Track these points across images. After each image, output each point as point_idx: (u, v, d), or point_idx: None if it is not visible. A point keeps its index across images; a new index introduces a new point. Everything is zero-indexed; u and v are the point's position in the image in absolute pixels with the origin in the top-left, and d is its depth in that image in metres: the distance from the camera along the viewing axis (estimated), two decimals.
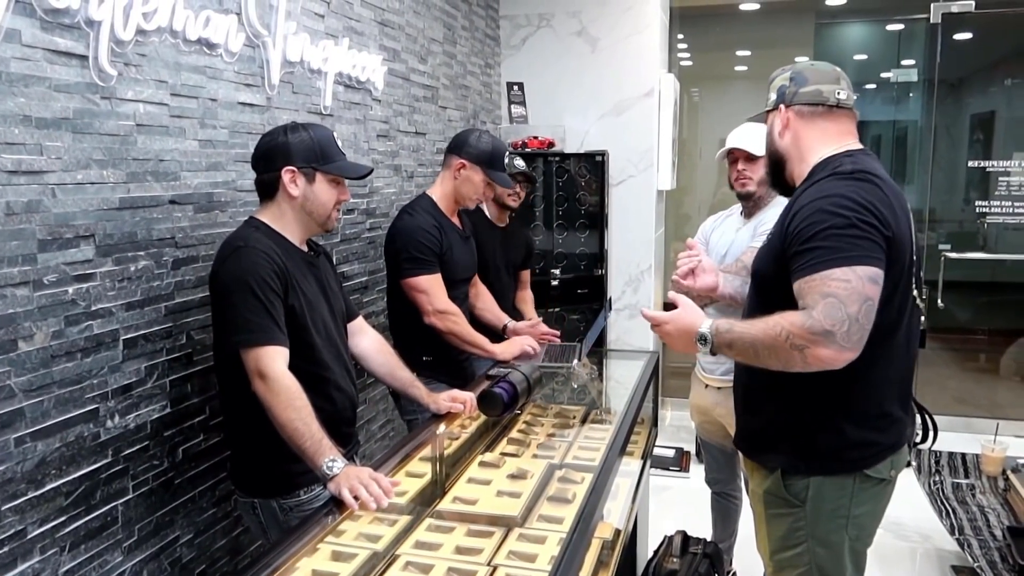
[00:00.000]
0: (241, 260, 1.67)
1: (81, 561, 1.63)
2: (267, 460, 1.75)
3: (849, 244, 1.43)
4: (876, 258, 1.44)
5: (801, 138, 1.66)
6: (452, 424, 2.06)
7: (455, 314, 2.39)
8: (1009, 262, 4.82)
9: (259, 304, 1.64)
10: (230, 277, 1.67)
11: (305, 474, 1.69)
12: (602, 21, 4.08)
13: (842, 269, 1.41)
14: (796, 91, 1.66)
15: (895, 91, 5.10)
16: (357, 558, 1.42)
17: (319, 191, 1.77)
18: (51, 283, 1.52)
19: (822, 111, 1.64)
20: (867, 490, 1.61)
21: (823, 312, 1.39)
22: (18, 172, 1.44)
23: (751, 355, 1.51)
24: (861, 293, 1.40)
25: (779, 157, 1.71)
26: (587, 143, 4.16)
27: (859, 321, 1.39)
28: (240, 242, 1.70)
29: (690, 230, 5.51)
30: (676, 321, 1.63)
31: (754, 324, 1.49)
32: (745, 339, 1.50)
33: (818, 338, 1.38)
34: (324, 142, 1.77)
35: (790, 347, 1.42)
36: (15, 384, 1.46)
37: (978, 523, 2.70)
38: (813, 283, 1.43)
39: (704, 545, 2.63)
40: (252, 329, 1.64)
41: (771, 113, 1.71)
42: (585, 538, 1.45)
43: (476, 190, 2.48)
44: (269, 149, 1.76)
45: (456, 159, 2.46)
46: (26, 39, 1.44)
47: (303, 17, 2.33)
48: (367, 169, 1.85)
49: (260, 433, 1.68)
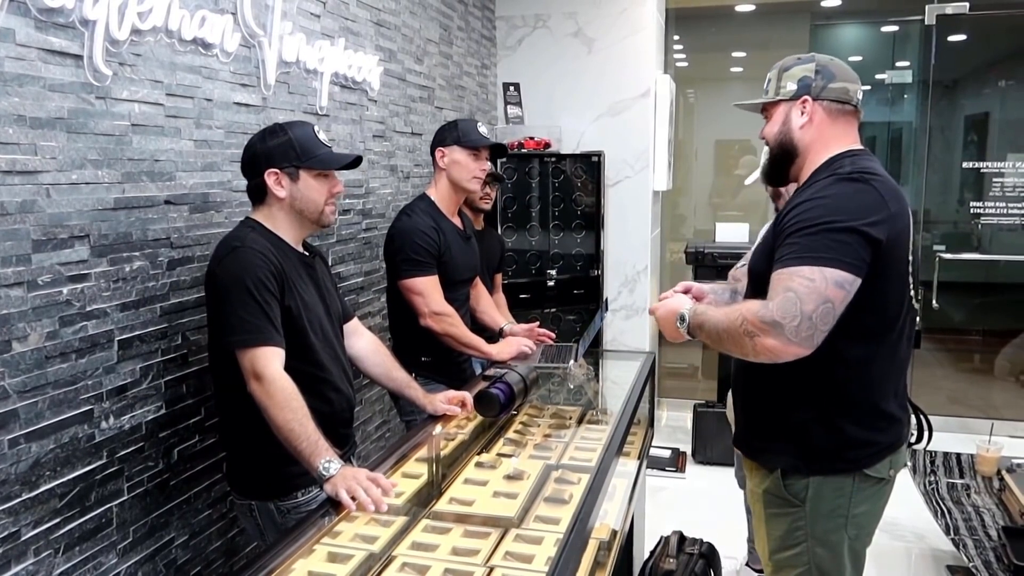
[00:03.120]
0: (238, 260, 1.67)
1: (76, 563, 1.62)
2: (264, 462, 1.74)
3: (825, 245, 1.44)
4: (850, 263, 1.43)
5: (823, 134, 1.62)
6: (449, 425, 2.06)
7: (451, 316, 2.39)
8: (1003, 263, 4.84)
9: (255, 305, 1.64)
10: (227, 277, 1.66)
11: (302, 476, 1.68)
12: (598, 22, 4.09)
13: (810, 268, 1.43)
14: (824, 85, 1.62)
15: (890, 92, 5.12)
16: (353, 559, 1.42)
17: (305, 188, 1.76)
18: (45, 284, 1.52)
19: (847, 110, 1.64)
20: (866, 490, 1.61)
21: (778, 304, 1.42)
22: (12, 172, 1.44)
23: (715, 338, 1.57)
24: (822, 294, 1.41)
25: (792, 149, 1.65)
26: (583, 144, 4.16)
27: (812, 320, 1.41)
28: (237, 242, 1.70)
29: (686, 230, 5.53)
30: (664, 305, 1.73)
31: (721, 309, 1.57)
32: (711, 322, 1.56)
33: (767, 328, 1.42)
34: (303, 139, 1.75)
35: (743, 333, 1.46)
36: (9, 385, 1.45)
37: (973, 523, 2.70)
38: (781, 277, 1.46)
39: (700, 545, 2.64)
40: (248, 330, 1.63)
41: (786, 103, 1.65)
42: (582, 539, 1.45)
43: (467, 169, 2.47)
44: (251, 155, 1.77)
45: (437, 152, 2.47)
46: (20, 38, 1.44)
47: (299, 17, 2.32)
48: (351, 158, 1.82)
49: (256, 434, 1.67)
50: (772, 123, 1.69)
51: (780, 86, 1.67)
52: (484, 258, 2.86)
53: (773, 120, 1.69)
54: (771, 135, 1.70)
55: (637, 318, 4.27)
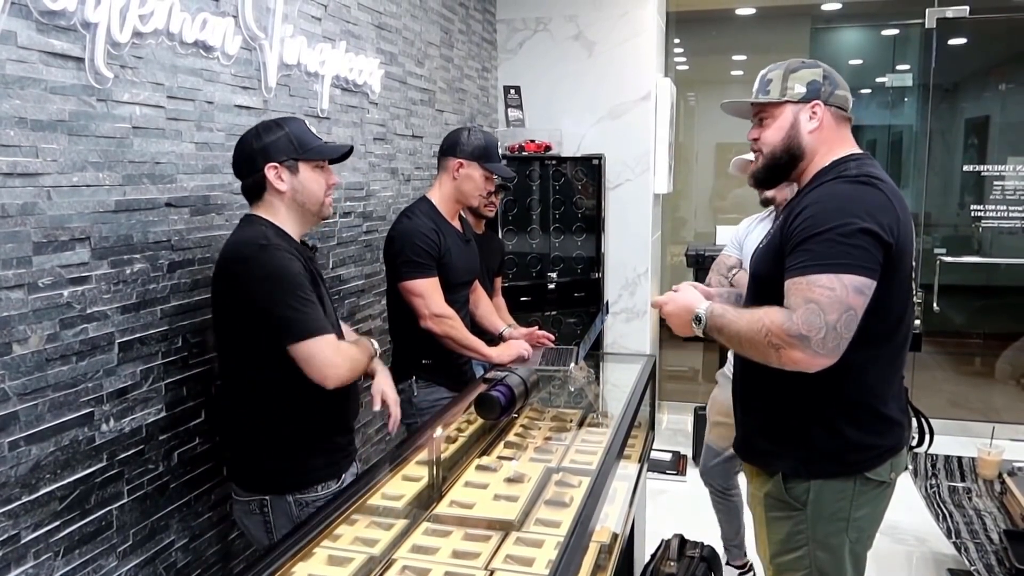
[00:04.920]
0: (273, 257, 1.67)
1: (75, 566, 1.61)
2: (285, 454, 1.75)
3: (841, 251, 1.43)
4: (867, 268, 1.43)
5: (829, 138, 1.62)
6: (449, 428, 2.06)
7: (451, 318, 2.39)
8: (1004, 266, 4.84)
9: (307, 299, 1.68)
10: (267, 275, 1.66)
11: (326, 468, 1.75)
12: (599, 25, 4.09)
13: (828, 276, 1.42)
14: (832, 91, 1.62)
15: (890, 96, 5.12)
16: (353, 562, 1.42)
17: (306, 180, 1.77)
18: (46, 286, 1.52)
19: (845, 117, 1.65)
20: (867, 493, 1.61)
21: (802, 317, 1.41)
22: (13, 174, 1.44)
23: (736, 343, 1.56)
24: (843, 302, 1.41)
25: (799, 152, 1.63)
26: (584, 147, 4.16)
27: (837, 329, 1.41)
28: (262, 240, 1.69)
29: (686, 233, 5.53)
30: (676, 300, 1.68)
31: (743, 314, 1.54)
32: (732, 327, 1.54)
33: (794, 341, 1.41)
34: (298, 132, 1.77)
35: (767, 344, 1.45)
36: (9, 388, 1.45)
37: (975, 526, 2.70)
38: (799, 286, 1.45)
39: (701, 548, 2.63)
40: (311, 319, 1.66)
41: (794, 105, 1.62)
42: (582, 542, 1.45)
43: (478, 186, 2.48)
44: (247, 152, 1.76)
45: (452, 160, 2.46)
46: (22, 41, 1.44)
47: (300, 20, 2.32)
48: (347, 148, 1.86)
49: (281, 427, 1.72)
50: (775, 127, 1.64)
51: (787, 87, 1.62)
52: (484, 261, 2.85)
53: (777, 123, 1.64)
54: (775, 139, 1.64)
55: (638, 321, 4.27)
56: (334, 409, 1.82)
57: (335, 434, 1.86)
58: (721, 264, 2.68)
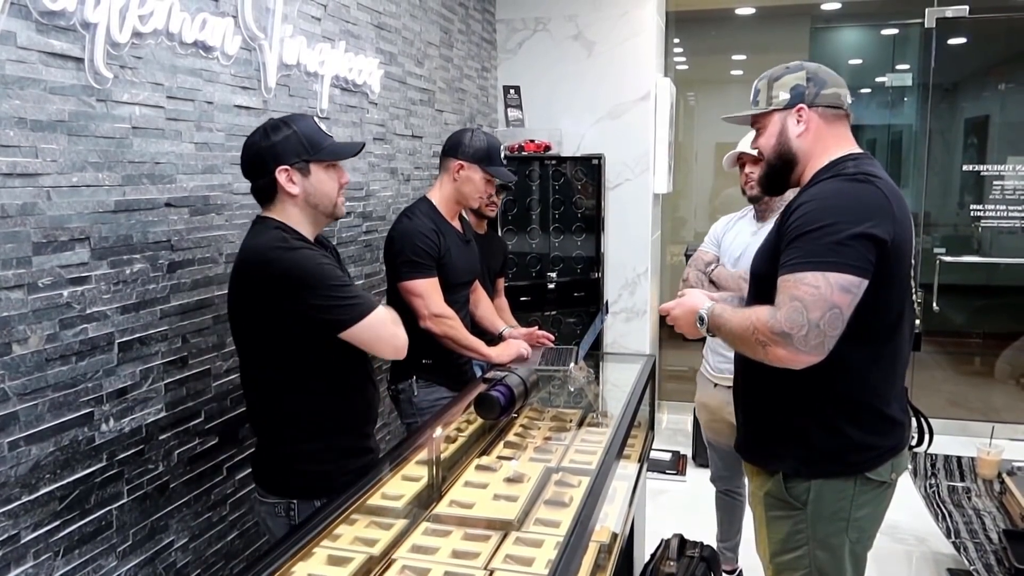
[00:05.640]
0: (304, 256, 1.66)
1: (75, 566, 1.62)
2: (317, 459, 1.75)
3: (830, 249, 1.43)
4: (856, 267, 1.43)
5: (821, 140, 1.62)
6: (449, 427, 2.06)
7: (451, 318, 2.39)
8: (1003, 265, 4.84)
9: (345, 284, 1.68)
10: (302, 271, 1.64)
11: (355, 473, 1.74)
12: (598, 25, 4.09)
13: (814, 274, 1.43)
14: (818, 92, 1.62)
15: (890, 95, 5.12)
16: (353, 562, 1.42)
17: (318, 181, 1.73)
18: (46, 286, 1.52)
19: (840, 114, 1.64)
20: (868, 493, 1.61)
21: (785, 315, 1.43)
22: (13, 175, 1.44)
23: (731, 341, 1.60)
24: (828, 300, 1.41)
25: (792, 158, 1.64)
26: (583, 147, 4.17)
27: (820, 327, 1.41)
28: (283, 243, 1.67)
29: (686, 233, 5.53)
30: (682, 304, 1.74)
31: (736, 313, 1.58)
32: (727, 325, 1.58)
33: (777, 338, 1.44)
34: (308, 131, 1.72)
35: (755, 341, 1.48)
36: (9, 388, 1.45)
37: (974, 526, 2.70)
38: (787, 283, 1.46)
39: (701, 548, 2.63)
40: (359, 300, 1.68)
41: (780, 112, 1.64)
42: (582, 542, 1.45)
43: (478, 189, 2.49)
44: (256, 154, 1.71)
45: (453, 161, 2.46)
46: (21, 41, 1.44)
47: (299, 20, 2.32)
48: (359, 146, 1.83)
49: (323, 432, 1.73)
50: (767, 135, 1.67)
51: (772, 96, 1.65)
52: (486, 262, 2.85)
53: (768, 131, 1.67)
54: (768, 147, 1.67)
55: (638, 321, 4.27)
56: (361, 415, 1.85)
57: (364, 439, 1.86)
58: (699, 260, 2.69)
